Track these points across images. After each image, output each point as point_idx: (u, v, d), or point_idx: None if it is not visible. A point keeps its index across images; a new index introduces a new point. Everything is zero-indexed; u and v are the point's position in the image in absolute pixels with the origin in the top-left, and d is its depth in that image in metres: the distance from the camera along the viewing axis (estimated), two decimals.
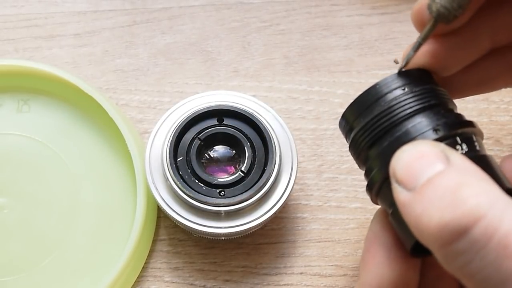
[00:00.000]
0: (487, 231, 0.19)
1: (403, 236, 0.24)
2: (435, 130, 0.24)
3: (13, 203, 0.35)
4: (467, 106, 0.39)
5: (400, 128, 0.25)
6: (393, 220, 0.25)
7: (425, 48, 0.26)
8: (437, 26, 0.25)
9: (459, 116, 0.26)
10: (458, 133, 0.24)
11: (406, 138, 0.24)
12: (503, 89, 0.39)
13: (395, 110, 0.25)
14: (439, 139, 0.24)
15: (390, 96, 0.25)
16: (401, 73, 0.26)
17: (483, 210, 0.19)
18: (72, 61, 0.40)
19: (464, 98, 0.39)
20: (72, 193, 0.35)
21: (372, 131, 0.25)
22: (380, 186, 0.25)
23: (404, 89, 0.25)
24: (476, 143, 0.25)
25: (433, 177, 0.21)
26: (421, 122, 0.24)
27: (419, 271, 0.27)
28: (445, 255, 0.20)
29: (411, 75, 0.26)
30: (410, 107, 0.25)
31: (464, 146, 0.24)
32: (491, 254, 0.19)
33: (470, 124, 0.25)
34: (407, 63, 0.27)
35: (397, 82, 0.26)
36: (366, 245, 0.26)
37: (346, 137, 0.28)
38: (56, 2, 0.42)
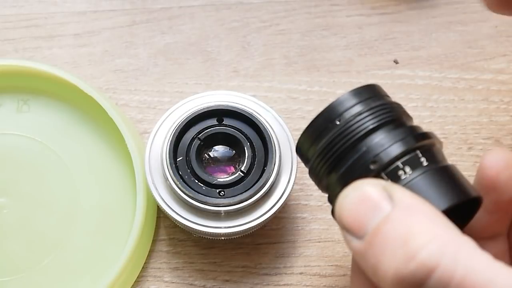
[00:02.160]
0: (442, 281, 0.19)
1: None
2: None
3: (13, 203, 0.35)
4: (467, 106, 0.39)
5: (357, 149, 0.24)
6: None
7: None
8: None
9: (415, 129, 0.25)
10: (417, 147, 0.24)
11: (365, 160, 0.24)
12: (503, 89, 0.39)
13: (350, 131, 0.24)
14: (397, 157, 0.24)
15: (343, 117, 0.25)
16: (352, 93, 0.25)
17: (435, 260, 0.19)
18: (72, 61, 0.40)
19: (463, 98, 0.39)
20: (72, 193, 0.35)
21: (328, 159, 0.25)
22: None
23: (357, 109, 0.25)
24: (436, 155, 0.25)
25: (380, 225, 0.21)
26: (379, 142, 0.24)
27: None
28: None
29: (362, 93, 0.25)
30: (363, 128, 0.24)
31: (408, 169, 0.24)
32: None
33: (427, 136, 0.25)
34: None
35: (347, 103, 0.25)
36: (352, 266, 0.26)
37: (305, 164, 0.27)
38: (56, 2, 0.42)
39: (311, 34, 0.41)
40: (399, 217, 0.21)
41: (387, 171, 0.24)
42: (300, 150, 0.27)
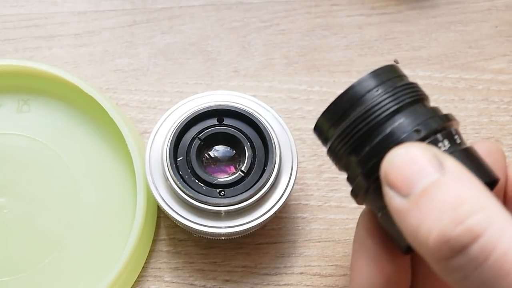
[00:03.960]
0: (485, 249, 0.19)
1: (396, 236, 0.24)
2: (417, 131, 0.24)
3: (13, 203, 0.35)
4: (467, 106, 0.39)
5: (380, 131, 0.24)
6: (384, 221, 0.24)
7: None
8: None
9: (436, 110, 0.25)
10: (438, 129, 0.24)
11: (388, 142, 0.24)
12: (503, 89, 0.39)
13: (372, 113, 0.24)
14: (438, 130, 0.24)
15: (364, 100, 0.25)
16: (371, 74, 0.25)
17: (482, 228, 0.20)
18: (72, 61, 0.40)
19: (463, 98, 0.39)
20: (72, 193, 0.35)
21: (350, 138, 0.25)
22: (365, 191, 0.25)
23: (377, 91, 0.25)
24: (456, 136, 0.24)
25: (429, 187, 0.21)
26: (401, 124, 0.24)
27: (410, 270, 0.27)
28: (442, 269, 0.20)
29: (381, 74, 0.25)
30: (387, 109, 0.24)
31: (446, 143, 0.24)
32: (487, 272, 0.19)
33: (448, 118, 0.25)
34: None
35: (368, 85, 0.25)
36: (354, 248, 0.26)
37: (323, 143, 0.27)
38: (56, 2, 0.42)
39: (311, 34, 0.41)
40: (449, 183, 0.21)
41: (428, 141, 0.24)
42: (319, 129, 0.27)
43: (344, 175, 0.37)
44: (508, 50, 0.41)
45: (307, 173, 0.37)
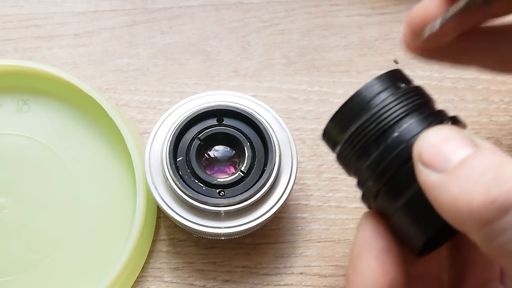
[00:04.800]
0: None
1: (411, 236, 0.24)
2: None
3: (13, 203, 0.35)
4: (467, 106, 0.39)
5: (388, 135, 0.24)
6: (399, 222, 0.24)
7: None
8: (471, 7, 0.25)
9: (443, 112, 0.25)
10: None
11: (396, 145, 0.24)
12: (503, 89, 0.39)
13: (380, 117, 0.24)
14: None
15: (372, 104, 0.25)
16: (377, 79, 0.25)
17: None
18: (72, 61, 0.40)
19: (463, 98, 0.39)
20: (71, 193, 0.35)
21: (358, 142, 0.25)
22: (376, 195, 0.25)
23: (384, 95, 0.25)
24: None
25: (467, 158, 0.21)
26: (409, 127, 0.24)
27: (440, 262, 0.27)
28: (487, 234, 0.20)
29: (387, 79, 0.25)
30: (395, 113, 0.24)
31: None
32: None
33: (455, 120, 0.25)
34: (431, 34, 0.26)
35: (374, 90, 0.25)
36: (356, 250, 0.26)
37: (332, 149, 0.27)
38: (56, 2, 0.42)
39: (311, 34, 0.41)
40: (487, 153, 0.21)
41: None
42: (328, 135, 0.27)
43: (343, 176, 0.37)
44: None
45: (306, 173, 0.37)
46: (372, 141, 0.24)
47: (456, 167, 0.21)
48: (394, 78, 0.26)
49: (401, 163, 0.23)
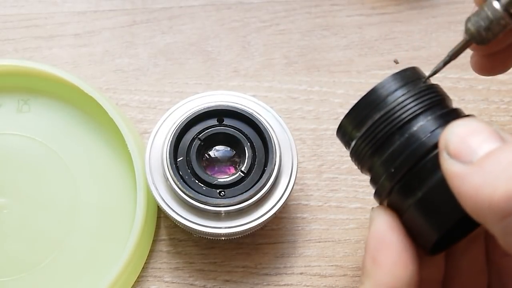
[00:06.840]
0: None
1: (423, 233, 0.24)
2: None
3: (13, 203, 0.35)
4: (467, 107, 0.39)
5: (403, 132, 0.24)
6: (413, 218, 0.24)
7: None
8: (469, 45, 0.25)
9: (459, 111, 0.25)
10: None
11: (411, 143, 0.24)
12: (503, 89, 0.39)
13: (395, 114, 0.25)
14: None
15: (387, 101, 0.25)
16: (393, 76, 0.26)
17: None
18: (72, 61, 0.40)
19: (464, 98, 0.39)
20: (72, 193, 0.35)
21: (373, 138, 0.25)
22: (389, 192, 0.25)
23: (400, 92, 0.25)
24: None
25: (493, 151, 0.21)
26: (424, 124, 0.24)
27: (442, 267, 0.27)
28: (506, 227, 0.20)
29: (403, 77, 0.26)
30: (410, 110, 0.24)
31: None
32: None
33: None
34: (434, 73, 0.26)
35: (390, 87, 0.25)
36: (374, 243, 0.25)
37: (346, 146, 0.27)
38: (56, 2, 0.42)
39: (311, 34, 0.41)
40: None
41: None
42: (343, 130, 0.27)
43: (343, 176, 0.37)
44: None
45: (307, 173, 0.37)
46: (387, 138, 0.25)
47: (481, 159, 0.21)
48: (411, 76, 0.26)
49: (416, 160, 0.23)
